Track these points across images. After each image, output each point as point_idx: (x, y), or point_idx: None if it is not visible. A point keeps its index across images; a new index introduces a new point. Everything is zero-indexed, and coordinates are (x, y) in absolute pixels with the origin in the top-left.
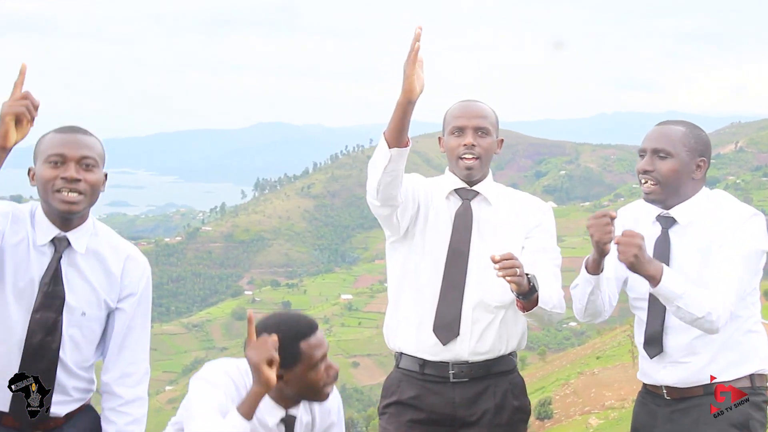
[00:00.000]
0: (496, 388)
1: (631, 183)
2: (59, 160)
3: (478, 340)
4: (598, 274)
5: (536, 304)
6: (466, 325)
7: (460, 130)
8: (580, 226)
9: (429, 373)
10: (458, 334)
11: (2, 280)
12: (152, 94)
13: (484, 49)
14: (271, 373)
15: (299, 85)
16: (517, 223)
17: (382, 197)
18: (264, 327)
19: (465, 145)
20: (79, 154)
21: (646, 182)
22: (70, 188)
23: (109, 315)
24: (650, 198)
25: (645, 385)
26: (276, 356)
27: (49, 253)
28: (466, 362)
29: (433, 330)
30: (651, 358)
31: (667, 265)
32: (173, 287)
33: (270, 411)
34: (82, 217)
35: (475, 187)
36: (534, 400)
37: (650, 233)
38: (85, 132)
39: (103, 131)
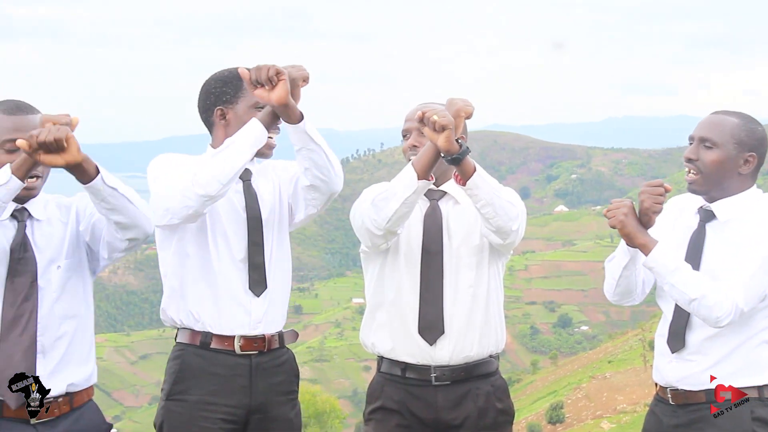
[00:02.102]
0: (478, 391)
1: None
2: (13, 148)
3: (461, 336)
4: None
5: (474, 172)
6: (449, 322)
7: (408, 133)
8: (592, 230)
9: (410, 376)
10: (443, 332)
11: None
12: (164, 98)
13: (493, 53)
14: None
15: (309, 89)
16: None
17: (389, 227)
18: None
19: (410, 147)
20: None
21: (689, 171)
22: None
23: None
24: (691, 188)
25: (657, 391)
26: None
27: (12, 225)
28: (448, 365)
29: (419, 332)
30: (673, 352)
31: (698, 259)
32: None
33: None
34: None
35: (441, 187)
36: (546, 404)
37: (691, 225)
38: (32, 111)
39: (116, 136)
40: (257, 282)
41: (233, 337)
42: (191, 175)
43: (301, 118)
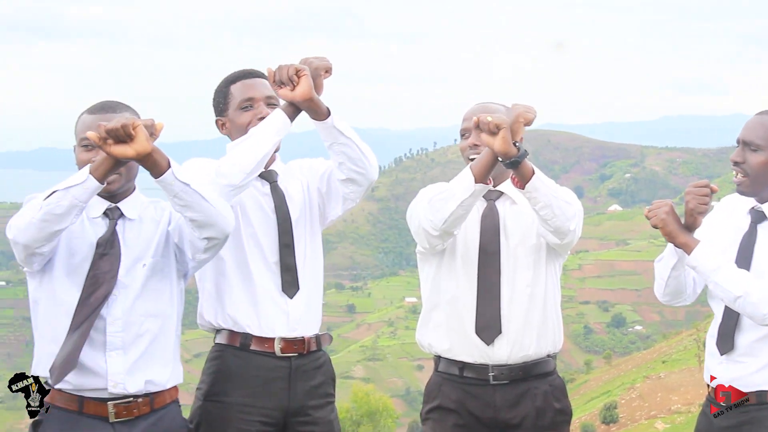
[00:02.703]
0: (536, 390)
1: None
2: (90, 144)
3: (519, 336)
4: None
5: (532, 174)
6: (507, 322)
7: (467, 132)
8: (645, 229)
9: (468, 376)
10: (501, 332)
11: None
12: None
13: (546, 52)
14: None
15: (362, 89)
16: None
17: (446, 228)
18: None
19: (470, 146)
20: None
21: (736, 174)
22: None
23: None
24: (739, 189)
25: (708, 391)
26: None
27: (103, 223)
28: (506, 364)
29: (476, 332)
30: (722, 354)
31: (749, 259)
32: None
33: None
34: (127, 191)
35: (498, 188)
36: (600, 404)
37: (742, 226)
38: (114, 109)
39: (171, 135)
40: (290, 284)
41: (273, 339)
42: (215, 166)
43: (328, 113)
